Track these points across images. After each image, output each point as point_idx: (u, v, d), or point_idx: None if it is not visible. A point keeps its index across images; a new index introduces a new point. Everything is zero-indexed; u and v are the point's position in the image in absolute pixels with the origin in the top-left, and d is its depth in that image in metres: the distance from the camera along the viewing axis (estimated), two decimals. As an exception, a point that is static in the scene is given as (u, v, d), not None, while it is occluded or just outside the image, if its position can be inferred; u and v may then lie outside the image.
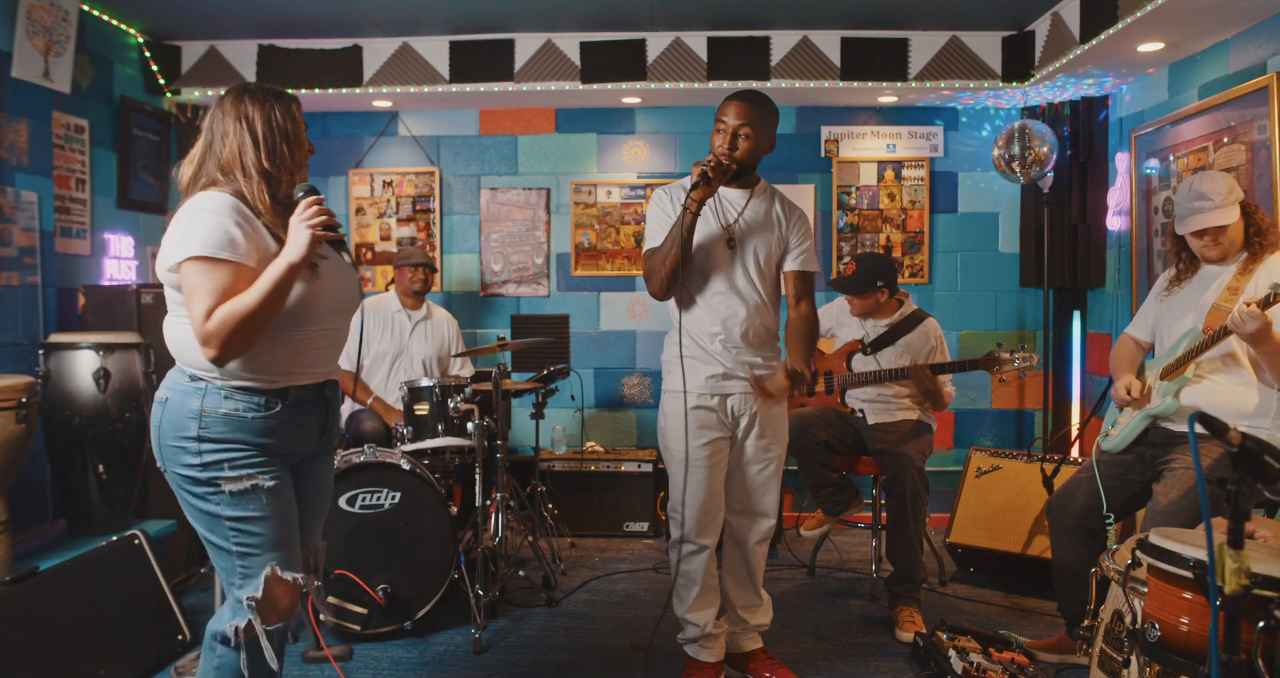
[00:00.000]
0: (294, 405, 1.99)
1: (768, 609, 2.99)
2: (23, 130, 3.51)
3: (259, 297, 1.83)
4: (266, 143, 1.96)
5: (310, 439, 2.08)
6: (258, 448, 1.94)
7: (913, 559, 3.39)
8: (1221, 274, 2.75)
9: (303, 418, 2.02)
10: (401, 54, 4.57)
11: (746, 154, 2.70)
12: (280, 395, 1.97)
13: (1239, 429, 1.49)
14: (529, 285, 5.09)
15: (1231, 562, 1.41)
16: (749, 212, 2.80)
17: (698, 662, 2.87)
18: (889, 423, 3.64)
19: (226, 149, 1.95)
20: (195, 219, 1.87)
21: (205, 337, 1.83)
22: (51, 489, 3.42)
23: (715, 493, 2.78)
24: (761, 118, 2.71)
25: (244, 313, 1.81)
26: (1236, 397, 2.66)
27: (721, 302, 2.76)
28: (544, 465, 4.61)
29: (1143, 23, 3.43)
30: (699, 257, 2.75)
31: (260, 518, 1.94)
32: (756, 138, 2.71)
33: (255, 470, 1.93)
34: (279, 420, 1.97)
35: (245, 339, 1.84)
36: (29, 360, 3.37)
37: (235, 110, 1.97)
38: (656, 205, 2.83)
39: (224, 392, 1.92)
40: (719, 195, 2.81)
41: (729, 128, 2.69)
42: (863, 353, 3.73)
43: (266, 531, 1.95)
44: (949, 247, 5.00)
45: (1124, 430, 2.88)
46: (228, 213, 1.87)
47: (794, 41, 4.48)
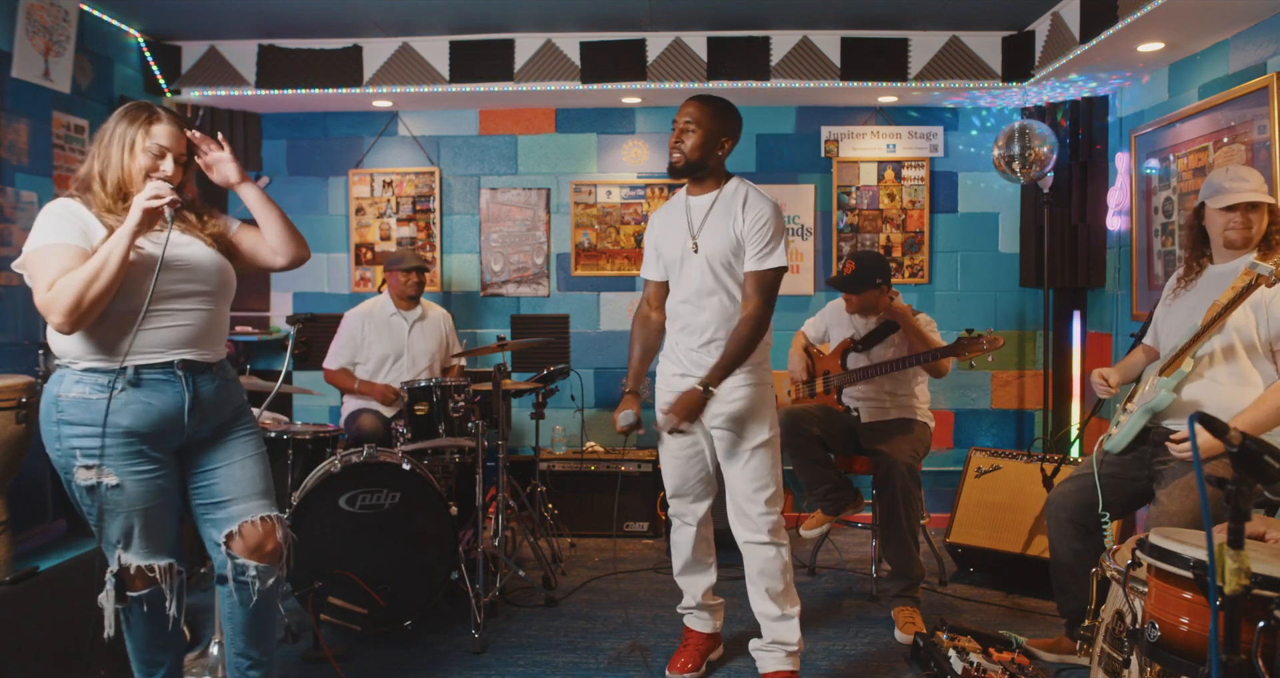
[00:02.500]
0: (137, 384, 2.09)
1: (793, 626, 2.79)
2: (23, 130, 3.51)
3: (96, 262, 1.98)
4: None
5: (171, 420, 2.14)
6: (110, 433, 2.05)
7: (908, 558, 3.39)
8: (1227, 274, 2.73)
9: (153, 397, 2.10)
10: (401, 54, 4.57)
11: (692, 149, 2.76)
12: (119, 374, 2.07)
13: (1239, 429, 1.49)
14: (529, 285, 5.09)
15: (1231, 562, 1.41)
16: (712, 215, 2.81)
17: (692, 631, 3.04)
18: (883, 421, 3.65)
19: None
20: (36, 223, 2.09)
21: (46, 306, 1.98)
22: (51, 489, 3.42)
23: (685, 480, 2.94)
24: (709, 116, 2.78)
25: (82, 278, 1.96)
26: (1236, 393, 2.66)
27: (688, 308, 2.85)
28: (544, 466, 4.61)
29: (1143, 23, 3.43)
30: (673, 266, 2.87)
31: (105, 510, 2.10)
32: (701, 132, 2.76)
33: (103, 462, 2.06)
34: (123, 400, 2.07)
35: (85, 304, 1.96)
36: (29, 360, 3.37)
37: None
38: (648, 228, 3.00)
39: (75, 376, 2.08)
40: (688, 204, 2.86)
41: (676, 126, 2.81)
42: (855, 350, 3.74)
43: (111, 521, 2.11)
44: (949, 247, 5.00)
45: (1124, 429, 2.88)
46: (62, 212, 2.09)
47: (794, 41, 4.48)
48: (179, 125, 2.21)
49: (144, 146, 2.14)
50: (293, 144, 5.11)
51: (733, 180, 2.86)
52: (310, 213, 5.10)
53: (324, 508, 3.17)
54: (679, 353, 2.89)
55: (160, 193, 2.03)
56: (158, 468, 2.14)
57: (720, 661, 3.08)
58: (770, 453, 2.79)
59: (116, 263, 1.98)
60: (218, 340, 2.27)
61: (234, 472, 2.26)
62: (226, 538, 2.23)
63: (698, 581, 3.01)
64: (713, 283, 2.80)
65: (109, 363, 2.08)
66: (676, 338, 2.92)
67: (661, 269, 2.95)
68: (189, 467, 2.25)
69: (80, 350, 2.08)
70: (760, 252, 2.74)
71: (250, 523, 2.23)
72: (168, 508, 2.19)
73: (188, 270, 2.17)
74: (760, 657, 2.85)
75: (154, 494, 2.14)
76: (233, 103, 4.78)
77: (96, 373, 2.08)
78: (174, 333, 2.14)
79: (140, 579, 2.18)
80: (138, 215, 2.00)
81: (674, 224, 2.88)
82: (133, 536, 2.14)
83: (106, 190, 2.13)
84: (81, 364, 2.09)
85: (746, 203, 2.79)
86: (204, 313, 2.20)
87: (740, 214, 2.77)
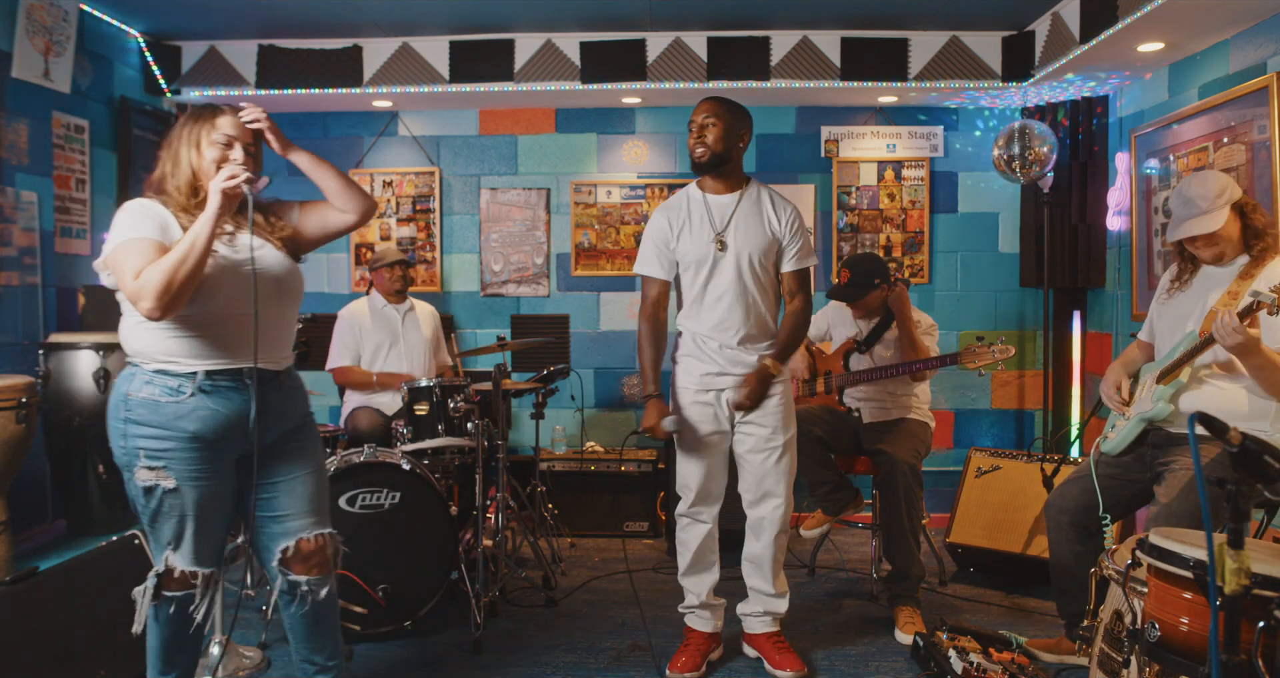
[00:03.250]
0: (205, 390, 2.09)
1: (784, 600, 3.06)
2: (23, 130, 3.51)
3: (183, 246, 2.00)
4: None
5: (237, 428, 2.14)
6: (175, 437, 2.07)
7: (909, 558, 3.39)
8: (1222, 277, 2.72)
9: (220, 404, 2.11)
10: (401, 54, 4.57)
11: (716, 141, 2.82)
12: (189, 379, 2.08)
13: (1239, 429, 1.49)
14: (529, 285, 5.09)
15: (1231, 562, 1.41)
16: (739, 215, 2.87)
17: (694, 631, 3.04)
18: (884, 422, 3.65)
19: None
20: (115, 221, 2.12)
21: (136, 292, 1.99)
22: (51, 489, 3.42)
23: (711, 477, 2.96)
24: (727, 110, 2.86)
25: (172, 260, 1.98)
26: (1234, 399, 2.65)
27: (718, 306, 2.89)
28: (544, 465, 4.60)
29: (1143, 23, 3.43)
30: (696, 266, 2.88)
31: (159, 512, 2.10)
32: (722, 125, 2.83)
33: (165, 465, 2.07)
34: (191, 405, 2.08)
35: (176, 286, 1.97)
36: (29, 360, 3.37)
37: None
38: (653, 226, 2.98)
39: (146, 376, 2.09)
40: (706, 201, 2.87)
41: (695, 124, 2.86)
42: (858, 352, 3.74)
43: (163, 523, 2.12)
44: (949, 247, 5.00)
45: (1121, 433, 2.88)
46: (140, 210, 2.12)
47: (794, 41, 4.48)
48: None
49: (211, 140, 2.16)
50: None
51: (753, 182, 2.96)
52: (310, 213, 5.10)
53: (324, 508, 3.16)
54: (708, 352, 2.91)
55: (235, 173, 2.06)
56: (218, 475, 2.14)
57: (720, 661, 3.08)
58: (794, 448, 2.99)
59: (202, 245, 1.99)
60: (285, 347, 2.28)
61: (294, 487, 2.27)
62: (281, 553, 2.25)
63: (703, 580, 3.02)
64: (747, 281, 2.86)
65: (180, 366, 2.09)
66: (705, 336, 2.91)
67: (667, 267, 2.94)
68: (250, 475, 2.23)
69: (152, 351, 2.09)
70: (800, 251, 2.92)
71: (306, 540, 2.26)
72: (220, 515, 2.19)
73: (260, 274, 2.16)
74: (749, 621, 3.07)
75: (209, 501, 2.14)
76: (233, 103, 4.77)
77: (167, 376, 2.09)
78: (234, 339, 2.13)
79: (180, 582, 2.18)
80: (217, 198, 2.03)
81: (694, 221, 2.89)
82: (183, 540, 2.14)
83: (180, 190, 2.16)
84: (152, 365, 2.10)
85: (776, 204, 2.92)
86: (273, 319, 2.20)
87: (774, 215, 2.89)
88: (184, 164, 2.16)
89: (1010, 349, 3.53)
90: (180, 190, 2.16)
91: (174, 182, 2.16)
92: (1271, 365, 2.51)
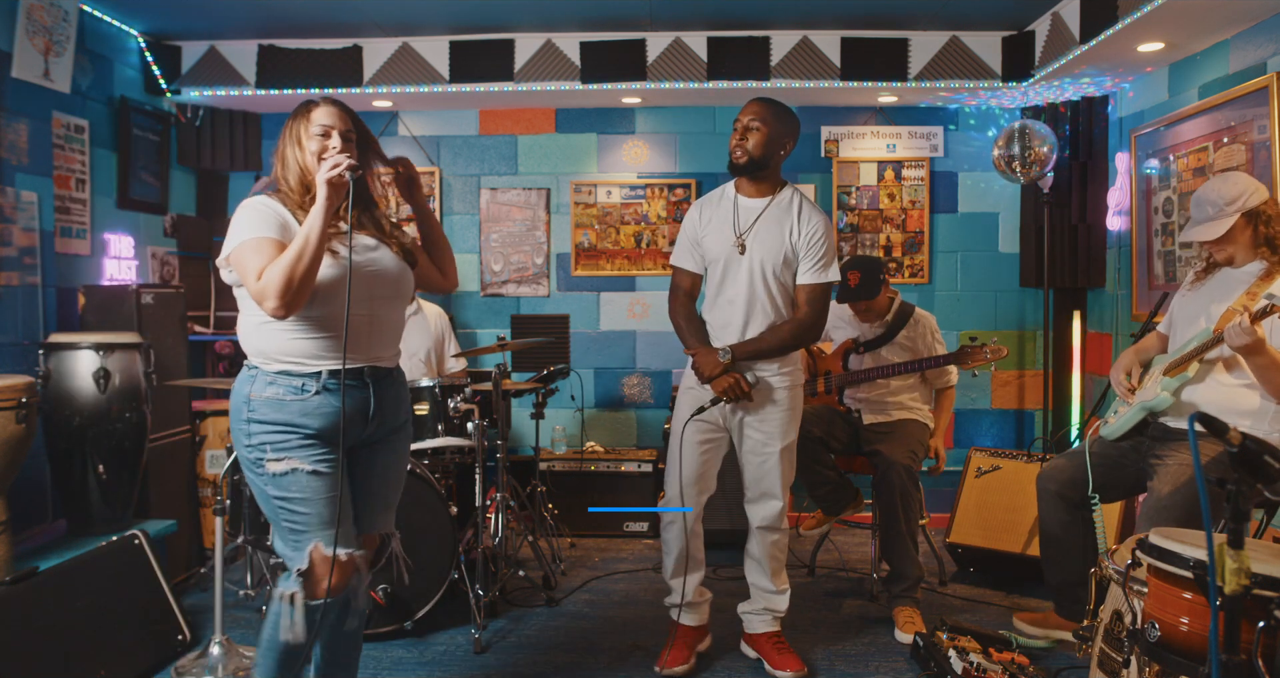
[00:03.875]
0: (330, 389, 2.13)
1: (784, 598, 3.07)
2: (23, 130, 3.51)
3: (298, 243, 2.02)
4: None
5: (356, 424, 2.19)
6: (298, 432, 2.11)
7: (907, 558, 3.40)
8: (1240, 278, 2.73)
9: (340, 402, 2.13)
10: (401, 54, 4.57)
11: (757, 146, 2.81)
12: (314, 378, 2.12)
13: (1239, 429, 1.49)
14: (529, 285, 5.09)
15: (1231, 562, 1.41)
16: (764, 220, 2.87)
17: (681, 626, 3.05)
18: (883, 423, 3.66)
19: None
20: (235, 219, 2.14)
21: (261, 292, 2.02)
22: (51, 489, 3.42)
23: (699, 476, 2.96)
24: (774, 115, 2.84)
25: (289, 258, 2.00)
26: (1237, 397, 2.66)
27: (729, 307, 2.91)
28: (544, 465, 4.60)
29: (1143, 23, 3.43)
30: (715, 264, 2.91)
31: (301, 499, 2.11)
32: (766, 131, 2.81)
33: (294, 454, 2.10)
34: (315, 403, 2.12)
35: (296, 283, 2.00)
36: (29, 360, 3.37)
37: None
38: (687, 219, 3.01)
39: (269, 377, 2.13)
40: (737, 202, 2.87)
41: (740, 125, 2.84)
42: (857, 353, 3.75)
43: (309, 510, 2.11)
44: (949, 247, 5.00)
45: (1121, 419, 2.93)
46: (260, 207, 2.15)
47: (794, 41, 4.48)
48: (340, 105, 2.23)
49: (309, 133, 2.18)
50: (293, 144, 5.11)
51: (788, 187, 2.94)
52: (310, 213, 5.10)
53: (324, 508, 3.16)
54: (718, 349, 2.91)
55: (336, 162, 2.07)
56: (333, 459, 2.16)
57: (716, 657, 3.09)
58: (794, 452, 3.00)
59: (316, 239, 2.02)
60: (396, 345, 2.33)
61: (373, 486, 2.31)
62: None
63: (690, 578, 3.03)
64: (758, 288, 2.87)
65: (304, 367, 2.13)
66: (715, 335, 2.95)
67: (697, 261, 2.97)
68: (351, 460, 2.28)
69: (276, 352, 2.13)
70: (816, 265, 2.87)
71: (370, 536, 2.32)
72: (347, 501, 2.20)
73: (377, 276, 2.21)
74: (750, 619, 3.09)
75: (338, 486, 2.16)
76: (233, 103, 4.78)
77: (290, 376, 2.12)
78: (363, 339, 2.18)
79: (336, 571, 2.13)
80: (323, 190, 2.05)
81: (720, 220, 2.91)
82: (327, 521, 2.12)
83: (293, 188, 2.19)
84: (275, 366, 2.13)
85: (802, 214, 2.88)
86: (387, 319, 2.26)
87: (796, 225, 2.86)
88: (291, 162, 2.20)
89: (1003, 349, 3.55)
90: (293, 189, 2.19)
91: (286, 181, 2.20)
92: (1275, 366, 2.52)
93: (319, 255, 2.04)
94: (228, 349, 4.81)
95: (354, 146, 2.21)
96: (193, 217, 4.94)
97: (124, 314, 3.63)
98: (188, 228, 4.83)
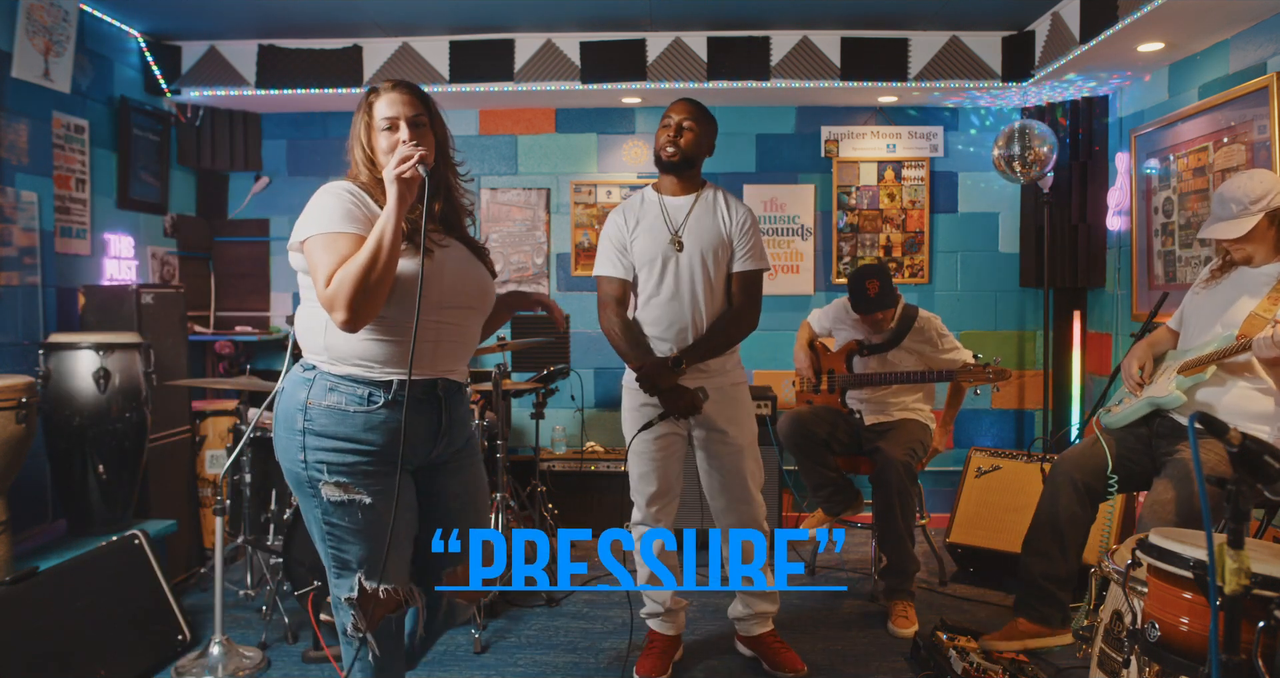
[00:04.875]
0: (399, 401, 1.92)
1: (774, 598, 3.07)
2: (23, 130, 3.51)
3: (369, 247, 1.83)
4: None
5: (423, 441, 2.00)
6: (359, 451, 1.90)
7: (903, 553, 3.43)
8: (1261, 278, 2.69)
9: (409, 417, 1.92)
10: (401, 54, 4.57)
11: (690, 145, 2.83)
12: (383, 388, 1.91)
13: (1239, 429, 1.49)
14: (529, 285, 5.09)
15: (1231, 562, 1.41)
16: (694, 216, 2.88)
17: (657, 634, 3.05)
18: (884, 422, 3.67)
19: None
20: (312, 203, 1.95)
21: (330, 301, 1.83)
22: (51, 489, 3.42)
23: (665, 482, 2.91)
24: (704, 117, 2.88)
25: (360, 265, 1.81)
26: (1251, 400, 2.65)
27: (670, 306, 2.87)
28: (544, 465, 4.60)
29: (1143, 23, 3.43)
30: (649, 265, 2.88)
31: (353, 532, 1.93)
32: (698, 131, 2.84)
33: (354, 480, 1.90)
34: (381, 417, 1.91)
35: (366, 295, 1.81)
36: (29, 360, 3.37)
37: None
38: (609, 226, 2.95)
39: (330, 382, 1.91)
40: (662, 202, 2.88)
41: (672, 123, 2.84)
42: (861, 355, 3.75)
43: (360, 545, 1.94)
44: (949, 247, 5.00)
45: (1126, 410, 2.90)
46: (340, 193, 1.95)
47: (794, 41, 4.48)
48: (405, 88, 2.03)
49: (374, 129, 2.00)
50: (293, 144, 5.11)
51: (709, 185, 2.96)
52: (310, 213, 5.10)
53: (324, 508, 3.16)
54: (662, 351, 2.87)
55: (406, 155, 1.87)
56: (404, 490, 1.99)
57: (683, 662, 3.09)
58: (756, 448, 2.96)
59: (389, 244, 1.82)
60: (467, 359, 2.13)
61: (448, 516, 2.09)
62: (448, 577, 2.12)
63: (663, 590, 3.00)
64: (699, 282, 2.85)
65: (375, 373, 1.92)
66: (658, 338, 2.88)
67: (625, 267, 2.92)
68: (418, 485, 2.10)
69: (346, 352, 1.92)
70: (748, 253, 2.88)
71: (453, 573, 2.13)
72: (410, 529, 2.03)
73: (452, 282, 2.00)
74: (743, 624, 3.07)
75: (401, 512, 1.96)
76: (233, 103, 4.78)
77: (356, 383, 1.91)
78: (430, 347, 1.96)
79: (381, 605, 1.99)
80: (394, 188, 1.84)
81: (649, 221, 2.90)
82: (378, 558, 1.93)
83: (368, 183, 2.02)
84: (340, 369, 1.92)
85: (730, 205, 2.91)
86: (462, 328, 2.05)
87: (728, 215, 2.88)
88: (361, 158, 2.02)
89: (1008, 372, 3.58)
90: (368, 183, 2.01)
91: (358, 179, 2.02)
92: None
93: (393, 262, 1.83)
94: (228, 349, 4.80)
95: (428, 131, 2.02)
96: (193, 217, 4.94)
97: (124, 314, 3.63)
98: (188, 228, 4.83)
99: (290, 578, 3.14)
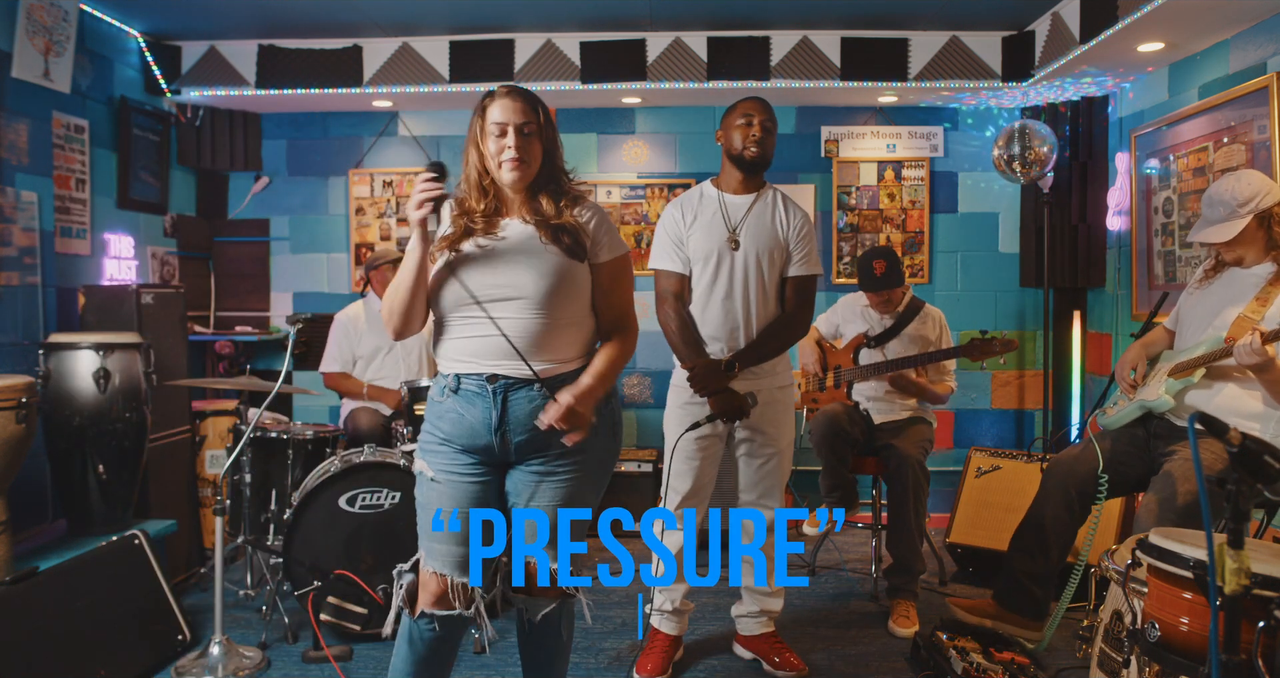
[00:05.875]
0: (457, 392, 2.08)
1: (778, 599, 3.07)
2: (23, 130, 3.51)
3: (398, 277, 2.09)
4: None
5: (479, 434, 2.05)
6: (436, 434, 2.12)
7: (912, 552, 3.42)
8: (1251, 280, 2.69)
9: (465, 409, 2.06)
10: (401, 54, 4.57)
11: (771, 147, 2.87)
12: (452, 380, 2.09)
13: (1239, 429, 1.49)
14: (529, 285, 5.08)
15: (1231, 562, 1.41)
16: (753, 216, 2.88)
17: (660, 633, 3.04)
18: (894, 421, 3.68)
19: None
20: None
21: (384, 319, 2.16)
22: (51, 489, 3.42)
23: (699, 482, 2.91)
24: (775, 120, 2.90)
25: (391, 290, 2.11)
26: (1240, 401, 2.65)
27: (723, 307, 2.87)
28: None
29: (1143, 23, 3.43)
30: (704, 261, 2.87)
31: (421, 504, 2.14)
32: (774, 135, 2.89)
33: (427, 457, 2.12)
34: (447, 406, 2.09)
35: (391, 315, 2.10)
36: (29, 360, 3.37)
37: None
38: (666, 219, 2.94)
39: (440, 379, 2.15)
40: (722, 199, 2.87)
41: (758, 122, 2.83)
42: (868, 347, 3.75)
43: (422, 514, 2.13)
44: (949, 246, 5.00)
45: (1120, 412, 2.93)
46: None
47: (794, 41, 4.48)
48: (515, 96, 2.07)
49: (485, 133, 2.06)
50: (293, 144, 5.11)
51: (769, 185, 2.96)
52: (310, 213, 5.11)
53: (324, 508, 3.17)
54: (714, 352, 2.87)
55: (423, 192, 1.99)
56: (474, 472, 2.09)
57: (683, 662, 3.09)
58: (790, 452, 3.00)
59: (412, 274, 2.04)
60: (546, 355, 2.04)
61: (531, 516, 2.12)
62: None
63: (677, 586, 3.01)
64: (753, 283, 2.85)
65: (443, 368, 2.14)
66: (710, 337, 2.88)
67: (683, 261, 2.90)
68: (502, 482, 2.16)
69: (439, 352, 2.15)
70: (804, 258, 2.89)
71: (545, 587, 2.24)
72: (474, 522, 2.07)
73: (504, 274, 2.04)
74: (744, 622, 3.08)
75: (466, 498, 2.07)
76: (233, 103, 4.78)
77: (442, 377, 2.13)
78: (488, 342, 2.03)
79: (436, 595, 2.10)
80: (416, 230, 2.02)
81: (706, 217, 2.89)
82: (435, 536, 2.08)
83: (470, 191, 2.12)
84: (439, 367, 2.16)
85: (789, 208, 2.91)
86: (524, 322, 2.02)
87: (786, 218, 2.89)
88: (471, 161, 2.11)
89: (1014, 342, 3.58)
90: (470, 191, 2.11)
91: (467, 180, 2.13)
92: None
93: (417, 287, 2.04)
94: (228, 349, 4.80)
95: (535, 140, 2.08)
96: (193, 217, 4.94)
97: (124, 314, 3.63)
98: (188, 228, 4.83)
99: (290, 578, 3.14)
